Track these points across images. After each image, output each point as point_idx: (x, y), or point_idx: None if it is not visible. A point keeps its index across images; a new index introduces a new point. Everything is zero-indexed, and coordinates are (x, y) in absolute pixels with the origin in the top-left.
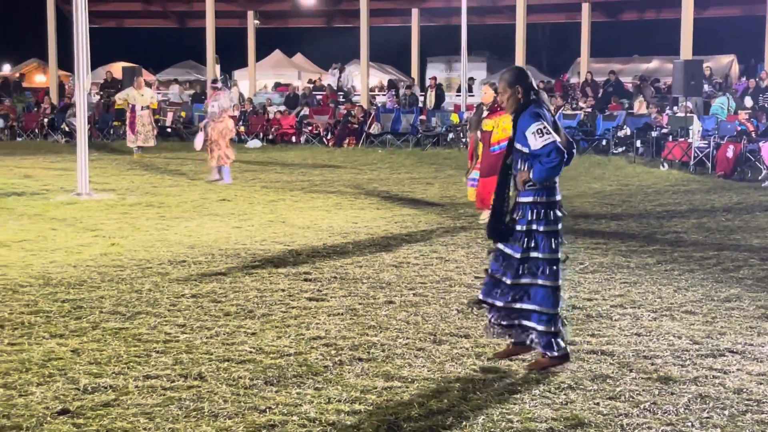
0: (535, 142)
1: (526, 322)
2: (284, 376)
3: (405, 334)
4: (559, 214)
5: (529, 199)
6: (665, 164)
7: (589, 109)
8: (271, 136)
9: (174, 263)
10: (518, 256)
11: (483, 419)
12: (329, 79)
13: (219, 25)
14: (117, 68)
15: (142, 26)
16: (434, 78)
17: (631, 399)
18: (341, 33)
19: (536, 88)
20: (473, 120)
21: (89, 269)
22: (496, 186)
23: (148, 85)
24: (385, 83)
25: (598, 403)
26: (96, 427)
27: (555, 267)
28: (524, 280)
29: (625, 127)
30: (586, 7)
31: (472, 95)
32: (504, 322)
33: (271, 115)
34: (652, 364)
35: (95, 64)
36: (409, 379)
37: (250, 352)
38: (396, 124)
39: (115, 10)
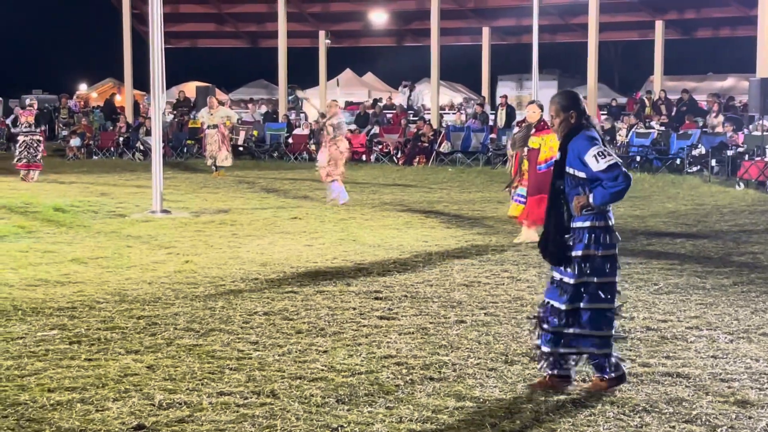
0: (598, 165)
1: (577, 348)
2: (356, 395)
3: (476, 353)
4: (616, 238)
5: (587, 223)
6: (741, 184)
7: (663, 128)
8: None
9: (246, 281)
10: (573, 281)
11: None
12: (399, 97)
13: (290, 45)
14: (190, 88)
15: (215, 46)
16: (505, 96)
17: (707, 423)
18: (412, 52)
19: (587, 113)
20: (519, 137)
21: (164, 286)
22: (547, 211)
23: (222, 104)
24: (456, 102)
25: (674, 427)
26: None
27: (610, 290)
28: (579, 305)
29: (699, 145)
30: (659, 25)
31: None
32: (560, 350)
33: None
34: (729, 387)
35: (169, 83)
36: (481, 400)
37: (322, 370)
38: (466, 143)
39: (188, 31)
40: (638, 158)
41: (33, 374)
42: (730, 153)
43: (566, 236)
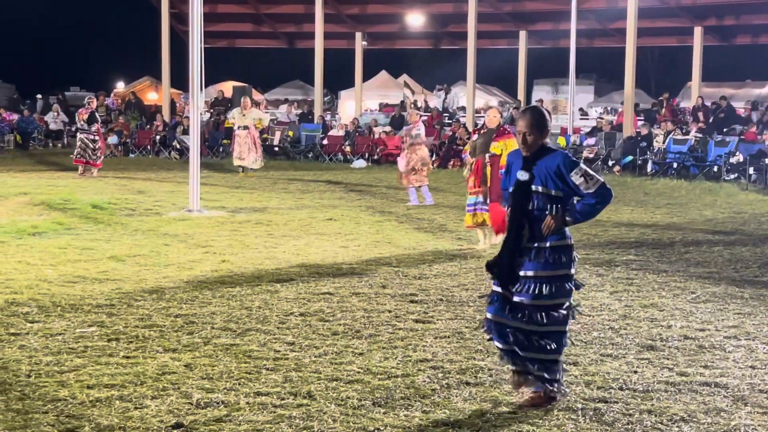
0: (588, 185)
1: (536, 371)
2: (392, 398)
3: None
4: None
5: (561, 242)
6: None
7: (700, 135)
8: (376, 157)
9: (282, 281)
10: (527, 301)
11: None
12: (434, 100)
13: (327, 46)
14: (227, 87)
15: (252, 46)
16: (541, 100)
17: None
18: (448, 55)
19: None
20: (480, 143)
21: (201, 285)
22: (510, 230)
23: (257, 104)
24: (491, 105)
25: None
26: None
27: (569, 311)
28: (545, 328)
29: (737, 153)
30: (698, 31)
31: (586, 118)
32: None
33: (376, 136)
34: None
35: (206, 82)
36: (517, 405)
37: (358, 372)
38: None
39: (226, 31)
40: (675, 165)
41: (72, 370)
42: None
43: (521, 257)
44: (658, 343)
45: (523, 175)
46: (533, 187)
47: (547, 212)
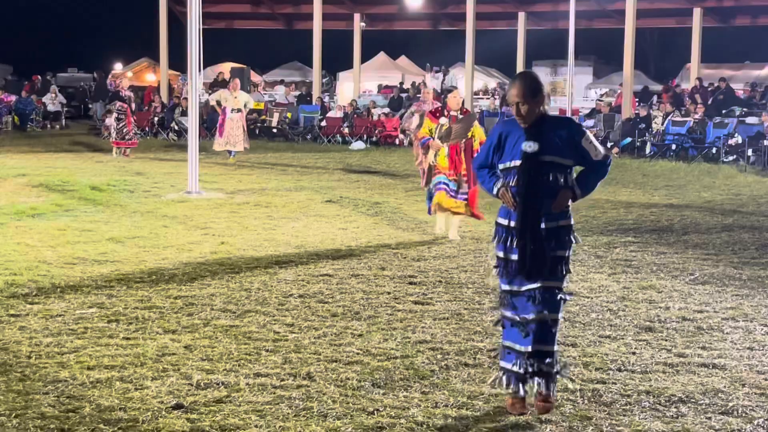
0: (597, 151)
1: (543, 366)
2: (391, 379)
3: None
4: None
5: (567, 221)
6: None
7: (698, 116)
8: (374, 138)
9: (282, 263)
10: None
11: (591, 429)
12: (433, 81)
13: (325, 27)
14: (225, 68)
15: (250, 27)
16: None
17: (744, 415)
18: (446, 36)
19: None
20: (458, 128)
21: (200, 267)
22: (527, 211)
23: (255, 85)
24: (490, 87)
25: (710, 418)
26: (209, 422)
27: (564, 296)
28: (556, 315)
29: (736, 135)
30: (697, 12)
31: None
32: (522, 371)
33: (374, 117)
34: (766, 380)
35: (204, 64)
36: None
37: (357, 353)
38: None
39: (224, 12)
40: (674, 146)
41: (72, 352)
42: (766, 143)
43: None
44: (656, 325)
45: (530, 146)
46: (544, 158)
47: (556, 185)
